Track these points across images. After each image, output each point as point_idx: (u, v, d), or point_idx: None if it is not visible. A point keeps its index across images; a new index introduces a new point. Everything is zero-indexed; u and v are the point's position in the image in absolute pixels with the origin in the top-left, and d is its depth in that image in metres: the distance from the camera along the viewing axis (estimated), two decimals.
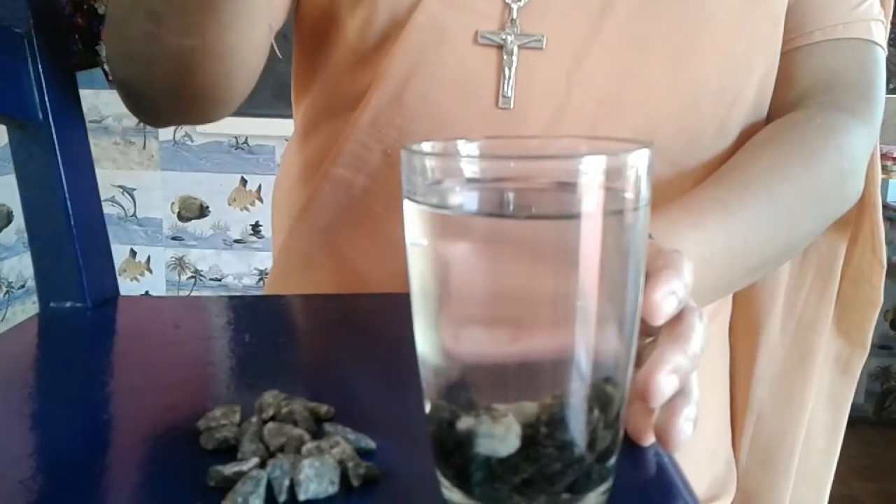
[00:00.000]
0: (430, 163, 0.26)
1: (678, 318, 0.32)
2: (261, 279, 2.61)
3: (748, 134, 0.57)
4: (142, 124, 2.24)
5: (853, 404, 0.69)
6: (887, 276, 0.64)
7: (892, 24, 0.62)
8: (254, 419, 0.32)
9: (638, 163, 0.25)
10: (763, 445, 0.66)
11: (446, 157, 0.28)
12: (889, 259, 0.65)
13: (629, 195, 0.25)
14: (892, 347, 2.40)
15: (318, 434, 0.31)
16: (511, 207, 0.26)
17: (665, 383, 0.30)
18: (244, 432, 0.31)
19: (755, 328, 0.65)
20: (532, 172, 0.26)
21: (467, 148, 0.29)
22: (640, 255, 0.26)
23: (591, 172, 0.24)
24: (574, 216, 0.24)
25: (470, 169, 0.26)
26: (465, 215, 0.25)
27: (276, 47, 0.58)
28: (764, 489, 0.66)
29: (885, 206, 1.98)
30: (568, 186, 0.24)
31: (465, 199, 0.25)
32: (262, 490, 0.27)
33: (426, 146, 0.27)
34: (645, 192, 0.25)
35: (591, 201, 0.24)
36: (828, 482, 0.69)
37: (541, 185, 0.25)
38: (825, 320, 0.65)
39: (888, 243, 0.65)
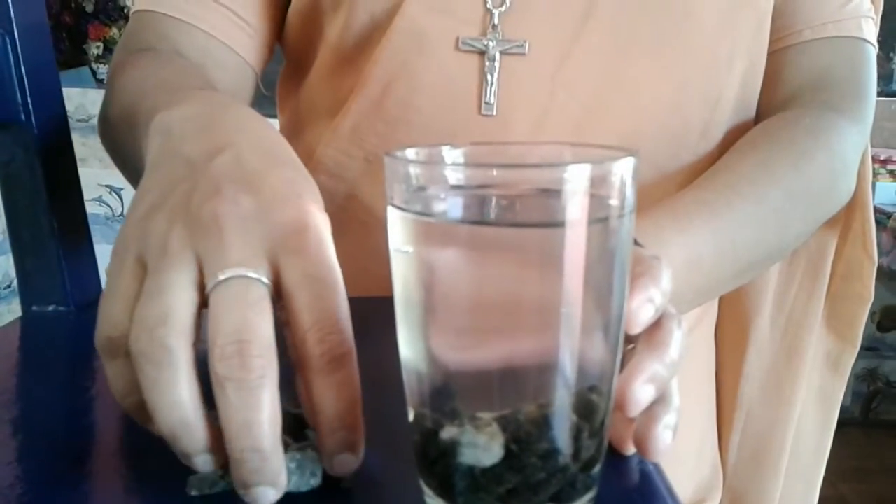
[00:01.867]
0: (414, 169, 0.26)
1: (656, 326, 0.31)
2: None
3: (733, 136, 0.56)
4: None
5: (840, 406, 0.69)
6: (875, 276, 0.64)
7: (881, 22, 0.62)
8: None
9: (623, 170, 0.25)
10: (752, 443, 0.66)
11: (431, 163, 0.28)
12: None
13: (614, 202, 0.24)
14: (878, 349, 2.41)
15: (300, 440, 0.31)
16: (495, 215, 0.25)
17: (641, 393, 0.29)
18: None
19: (744, 325, 0.65)
20: (517, 180, 0.25)
21: (452, 154, 0.28)
22: (626, 262, 0.26)
23: (575, 180, 0.23)
24: (559, 224, 0.23)
25: (454, 176, 0.26)
26: (449, 222, 0.25)
27: (261, 86, 0.59)
28: (753, 487, 0.66)
29: (874, 210, 1.98)
30: (553, 194, 0.23)
31: (450, 206, 0.25)
32: None
33: (410, 152, 0.27)
34: (630, 198, 0.25)
35: (575, 209, 0.23)
36: (817, 481, 0.69)
37: (526, 192, 0.25)
38: (815, 317, 0.64)
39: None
